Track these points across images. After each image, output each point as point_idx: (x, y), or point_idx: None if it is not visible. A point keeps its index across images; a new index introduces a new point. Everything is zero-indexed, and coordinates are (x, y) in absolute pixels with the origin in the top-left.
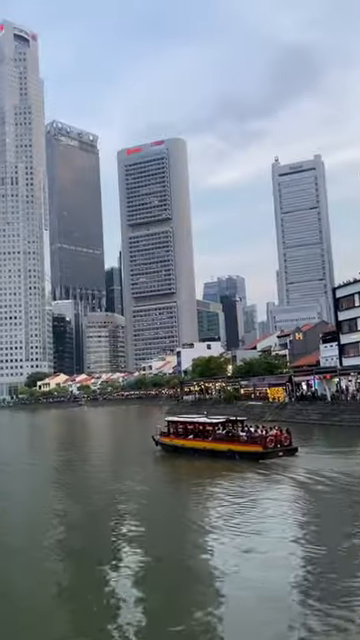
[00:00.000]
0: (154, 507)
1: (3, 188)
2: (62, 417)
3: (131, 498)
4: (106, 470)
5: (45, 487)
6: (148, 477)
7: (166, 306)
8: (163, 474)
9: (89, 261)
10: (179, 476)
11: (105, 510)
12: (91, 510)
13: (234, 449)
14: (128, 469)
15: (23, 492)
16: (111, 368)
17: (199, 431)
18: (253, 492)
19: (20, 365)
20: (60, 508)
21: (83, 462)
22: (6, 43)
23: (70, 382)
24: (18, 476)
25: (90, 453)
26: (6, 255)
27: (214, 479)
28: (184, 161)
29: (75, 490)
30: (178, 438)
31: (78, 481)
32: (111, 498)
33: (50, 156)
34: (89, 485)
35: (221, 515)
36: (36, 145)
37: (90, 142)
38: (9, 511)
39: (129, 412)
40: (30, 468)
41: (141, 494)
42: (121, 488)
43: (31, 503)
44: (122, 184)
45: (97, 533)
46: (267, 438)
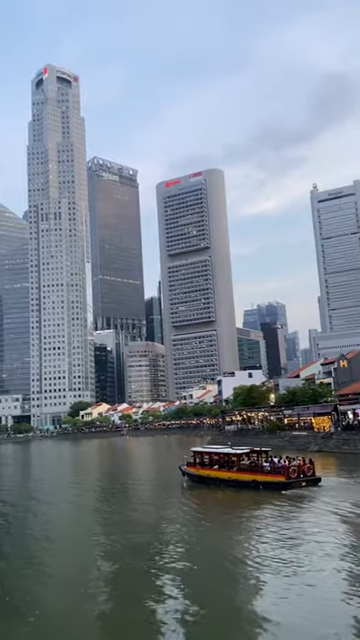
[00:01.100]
0: (188, 542)
1: (47, 223)
2: (104, 447)
3: (164, 531)
4: (143, 501)
5: (86, 518)
6: (181, 509)
7: (206, 334)
8: (195, 507)
9: (129, 291)
10: (207, 508)
11: (141, 543)
12: (128, 543)
13: (258, 479)
14: (161, 501)
15: (66, 523)
16: (152, 397)
17: (224, 461)
18: (280, 525)
19: (63, 395)
20: (101, 540)
21: (122, 492)
22: (49, 85)
23: (112, 411)
24: (62, 506)
25: (129, 483)
26: (50, 287)
27: (241, 511)
28: (222, 191)
29: (113, 521)
30: (204, 468)
31: (116, 512)
32: (146, 530)
33: (91, 191)
34: (125, 517)
35: (253, 549)
36: (78, 181)
37: (130, 176)
38: (54, 541)
39: (170, 442)
40: (73, 498)
41: (175, 527)
42: (155, 520)
43: (74, 534)
44: (161, 215)
45: (138, 567)
46: (290, 468)
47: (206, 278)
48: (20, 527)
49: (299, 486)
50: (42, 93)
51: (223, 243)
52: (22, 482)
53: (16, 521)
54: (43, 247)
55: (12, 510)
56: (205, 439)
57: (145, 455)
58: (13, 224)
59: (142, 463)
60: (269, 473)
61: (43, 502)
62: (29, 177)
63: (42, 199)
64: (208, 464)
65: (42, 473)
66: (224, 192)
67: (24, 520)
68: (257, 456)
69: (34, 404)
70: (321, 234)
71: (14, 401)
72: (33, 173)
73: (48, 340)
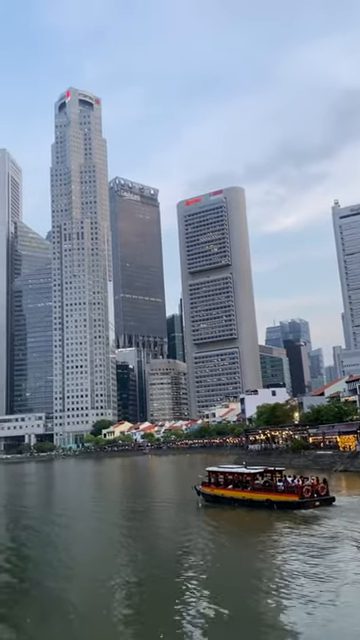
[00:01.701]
0: (203, 565)
1: (70, 243)
2: (126, 466)
3: (180, 555)
4: (161, 522)
5: (108, 540)
6: (196, 532)
7: (228, 352)
8: (211, 529)
9: (151, 309)
10: (221, 529)
11: (160, 566)
12: (147, 567)
13: (272, 499)
14: (177, 522)
15: (89, 541)
16: (174, 415)
17: (238, 481)
18: (293, 547)
19: (86, 413)
20: (122, 562)
21: (143, 512)
22: (72, 108)
23: (134, 430)
24: (84, 526)
25: (149, 503)
26: (73, 306)
27: (255, 533)
28: (243, 208)
29: (133, 542)
30: (218, 488)
31: (135, 531)
32: (162, 553)
33: (113, 210)
34: (144, 538)
35: (268, 573)
36: (100, 201)
37: (151, 196)
38: (76, 561)
39: (193, 461)
40: (95, 518)
41: (190, 550)
42: (170, 543)
43: (96, 555)
44: (182, 234)
45: (159, 590)
46: (303, 488)
47: (227, 295)
48: (42, 548)
49: (313, 506)
50: (65, 116)
51: (244, 260)
52: (45, 501)
53: (39, 542)
54: (66, 266)
55: (35, 531)
56: (228, 458)
57: (166, 474)
58: (37, 244)
59: (163, 482)
60: (283, 493)
61: (66, 521)
62: (52, 198)
63: (65, 219)
64: (223, 484)
65: (65, 492)
66: (245, 209)
67: (46, 541)
68: (271, 476)
69: (57, 422)
70: (344, 250)
71: (37, 419)
72: (56, 194)
73: (71, 358)
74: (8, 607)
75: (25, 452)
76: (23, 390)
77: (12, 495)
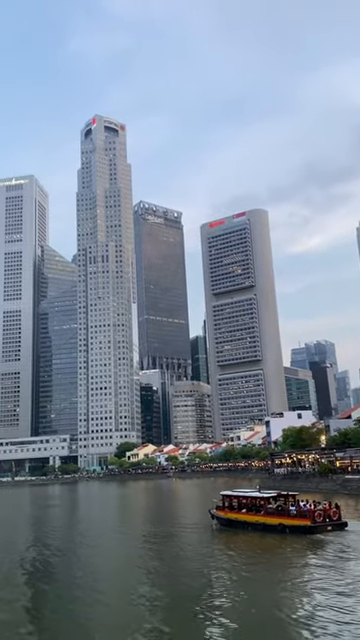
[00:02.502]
0: (219, 592)
1: (95, 266)
2: (150, 489)
3: (194, 580)
4: (180, 546)
5: (130, 563)
6: (211, 556)
7: (252, 374)
8: (229, 552)
9: (175, 331)
10: (235, 554)
11: (175, 593)
12: (166, 593)
13: (284, 523)
14: (196, 546)
15: (111, 566)
16: (198, 438)
17: (251, 505)
18: (306, 573)
19: (110, 435)
20: (144, 588)
21: (165, 537)
22: (98, 135)
23: (158, 453)
24: (107, 550)
25: (172, 527)
26: (98, 328)
27: (268, 558)
28: (266, 230)
29: (154, 567)
30: (232, 511)
31: (151, 557)
32: (175, 579)
33: (138, 233)
34: (163, 562)
35: (282, 599)
36: (125, 225)
37: (174, 218)
38: (98, 590)
39: (217, 485)
40: (118, 541)
41: (206, 576)
42: (185, 568)
43: (118, 578)
44: (205, 255)
45: (178, 618)
46: (315, 512)
47: (252, 316)
48: (65, 572)
49: (325, 530)
50: (91, 142)
51: (268, 281)
52: (69, 524)
53: (61, 564)
54: (91, 289)
55: (58, 553)
56: (253, 482)
57: (190, 498)
58: (63, 267)
59: (186, 506)
60: (295, 517)
61: (89, 546)
62: (78, 222)
63: (90, 243)
64: (237, 507)
65: (89, 515)
66: (268, 231)
67: (69, 565)
68: (284, 500)
69: (81, 444)
70: None
71: (62, 441)
72: (82, 218)
73: (95, 380)
74: (36, 625)
75: (50, 474)
76: (48, 412)
77: (37, 517)
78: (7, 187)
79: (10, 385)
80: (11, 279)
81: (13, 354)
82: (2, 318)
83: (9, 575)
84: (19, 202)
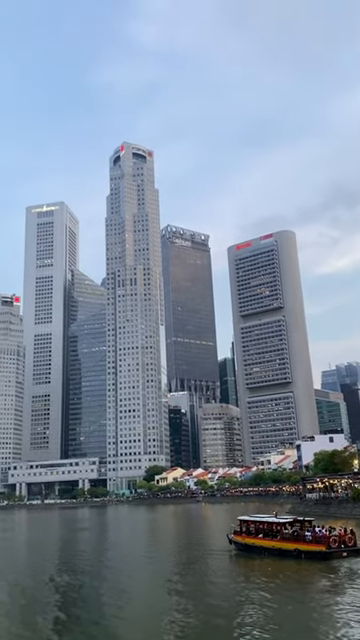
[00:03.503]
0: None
1: (123, 289)
2: (179, 514)
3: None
4: (203, 575)
5: (158, 590)
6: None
7: (282, 396)
8: (246, 577)
9: (203, 353)
10: (252, 580)
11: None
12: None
13: (300, 548)
14: (212, 570)
15: (140, 591)
16: (227, 462)
17: (268, 530)
18: (326, 600)
19: (138, 459)
20: (172, 615)
21: (193, 563)
22: (126, 161)
23: (187, 476)
24: (134, 575)
25: (198, 552)
26: (126, 350)
27: (282, 584)
28: (294, 251)
29: (174, 592)
30: (249, 537)
31: (175, 582)
32: (200, 603)
33: (165, 257)
34: (185, 587)
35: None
36: (152, 248)
37: (202, 241)
38: (126, 615)
39: (247, 510)
40: (146, 567)
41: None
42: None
43: (146, 603)
44: (233, 277)
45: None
46: (330, 538)
47: (281, 338)
48: (93, 595)
49: (340, 556)
50: (119, 169)
51: (297, 302)
52: (98, 548)
53: (90, 588)
54: (120, 312)
55: (87, 576)
56: (285, 507)
57: (218, 523)
58: (92, 291)
59: (215, 532)
60: (310, 542)
61: (117, 570)
62: (107, 246)
63: (119, 266)
64: (254, 533)
65: (118, 540)
66: (296, 252)
67: (97, 588)
68: (301, 525)
69: (110, 467)
70: None
71: (91, 464)
72: (111, 243)
73: (124, 402)
74: None
75: (79, 497)
76: (77, 434)
77: (67, 541)
78: (39, 213)
79: (40, 408)
80: (42, 303)
81: (44, 377)
82: (33, 341)
83: (39, 597)
84: (50, 228)
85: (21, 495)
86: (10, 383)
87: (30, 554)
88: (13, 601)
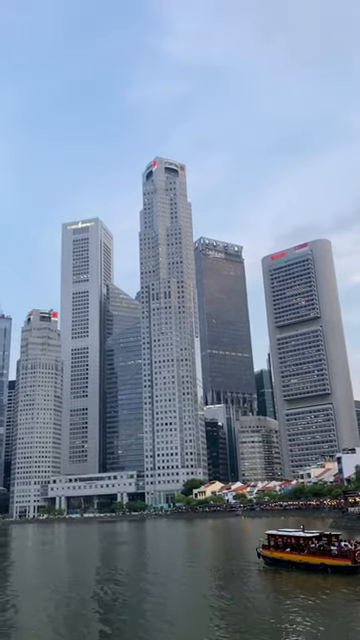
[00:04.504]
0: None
1: (158, 302)
2: (218, 528)
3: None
4: (225, 586)
5: (197, 601)
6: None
7: (321, 408)
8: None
9: (238, 365)
10: (282, 595)
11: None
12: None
13: (326, 563)
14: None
15: (179, 605)
16: (266, 475)
17: (295, 544)
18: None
19: (176, 472)
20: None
21: (225, 578)
22: (159, 176)
23: (225, 490)
24: (175, 588)
25: (236, 565)
26: (161, 363)
27: (308, 595)
28: (330, 260)
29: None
30: (277, 551)
31: (217, 598)
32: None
33: (199, 269)
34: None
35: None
36: (186, 261)
37: (235, 252)
38: (167, 626)
39: (287, 525)
40: (184, 579)
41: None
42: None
43: (187, 615)
44: (268, 288)
45: None
46: (356, 552)
47: (318, 349)
48: (135, 607)
49: None
50: (152, 183)
51: (334, 312)
52: (137, 563)
53: (130, 601)
54: (154, 325)
55: (127, 590)
56: (326, 522)
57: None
58: (127, 304)
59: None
60: (336, 557)
61: (157, 584)
62: (141, 260)
63: (153, 280)
64: (281, 547)
65: (157, 554)
66: (332, 261)
67: (137, 602)
68: (327, 540)
69: (148, 481)
70: None
71: (129, 478)
72: (145, 257)
73: (160, 416)
74: None
75: (118, 511)
76: (115, 447)
77: (107, 554)
78: (74, 230)
79: (79, 421)
80: (79, 318)
81: (81, 390)
82: (71, 355)
83: (82, 610)
84: (86, 244)
85: (61, 509)
86: (49, 397)
87: (71, 567)
88: (58, 614)
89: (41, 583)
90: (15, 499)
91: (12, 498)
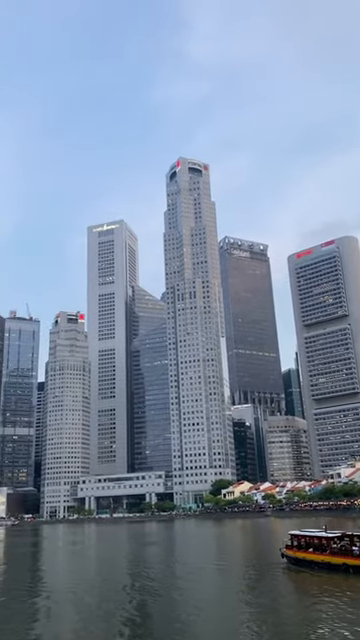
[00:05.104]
0: None
1: (183, 302)
2: (247, 528)
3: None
4: (250, 586)
5: (228, 600)
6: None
7: (351, 407)
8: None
9: (265, 364)
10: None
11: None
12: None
13: (348, 563)
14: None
15: (209, 604)
16: (295, 475)
17: (317, 545)
18: None
19: (204, 472)
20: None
21: (250, 578)
22: (182, 176)
23: (254, 490)
24: (205, 586)
25: (263, 566)
26: (187, 363)
27: (329, 595)
28: (357, 257)
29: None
30: (300, 551)
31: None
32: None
33: (224, 269)
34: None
35: None
36: (211, 261)
37: (260, 251)
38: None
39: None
40: (214, 579)
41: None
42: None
43: (219, 615)
44: (294, 286)
45: None
46: None
47: (347, 347)
48: (165, 609)
49: None
50: (176, 184)
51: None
52: (167, 563)
53: (161, 602)
54: (180, 325)
55: (159, 590)
56: (357, 522)
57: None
58: (152, 306)
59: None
60: (358, 557)
61: (184, 584)
62: (166, 261)
63: (178, 280)
64: (304, 547)
65: (186, 555)
66: (359, 258)
67: (169, 602)
68: (350, 540)
69: (176, 481)
70: None
71: (157, 478)
72: (169, 257)
73: (187, 416)
74: None
75: (146, 511)
76: (143, 448)
77: (137, 554)
78: (99, 232)
79: (106, 422)
80: (105, 319)
81: (109, 391)
82: (98, 357)
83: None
84: (111, 246)
85: (90, 509)
86: (77, 398)
87: (102, 567)
88: (90, 613)
89: (73, 582)
90: (46, 499)
91: (43, 498)
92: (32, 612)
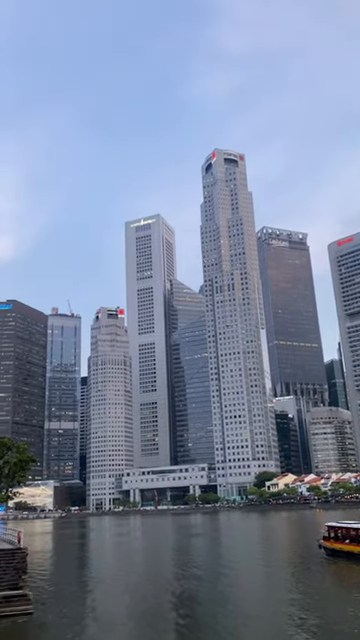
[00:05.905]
0: None
1: (221, 295)
2: (293, 520)
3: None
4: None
5: (273, 592)
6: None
7: None
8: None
9: (307, 355)
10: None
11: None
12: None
13: None
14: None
15: (256, 596)
16: (340, 467)
17: (354, 536)
18: None
19: (247, 464)
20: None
21: (294, 566)
22: (218, 168)
23: (298, 482)
24: (248, 576)
25: (300, 560)
26: (227, 356)
27: None
28: None
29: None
30: (337, 542)
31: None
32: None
33: (262, 259)
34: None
35: None
36: (248, 252)
37: (299, 240)
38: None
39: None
40: (260, 571)
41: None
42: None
43: (263, 604)
44: (335, 275)
45: None
46: None
47: None
48: (209, 602)
49: None
50: (211, 176)
51: None
52: (214, 556)
53: (207, 594)
54: (219, 318)
55: (204, 583)
56: None
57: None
58: (191, 299)
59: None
60: None
61: (230, 577)
62: (203, 254)
63: (216, 273)
64: (341, 538)
65: (232, 546)
66: None
67: (215, 593)
68: None
69: (219, 474)
70: None
71: (200, 470)
72: (207, 250)
73: (229, 408)
74: None
75: (190, 503)
76: (185, 440)
77: (183, 546)
78: (137, 228)
79: (149, 415)
80: (144, 314)
81: (150, 385)
82: (138, 351)
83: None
84: (148, 241)
85: (135, 501)
86: (119, 392)
87: (149, 558)
88: (138, 602)
89: (121, 573)
90: (91, 492)
91: (88, 491)
92: (91, 599)
